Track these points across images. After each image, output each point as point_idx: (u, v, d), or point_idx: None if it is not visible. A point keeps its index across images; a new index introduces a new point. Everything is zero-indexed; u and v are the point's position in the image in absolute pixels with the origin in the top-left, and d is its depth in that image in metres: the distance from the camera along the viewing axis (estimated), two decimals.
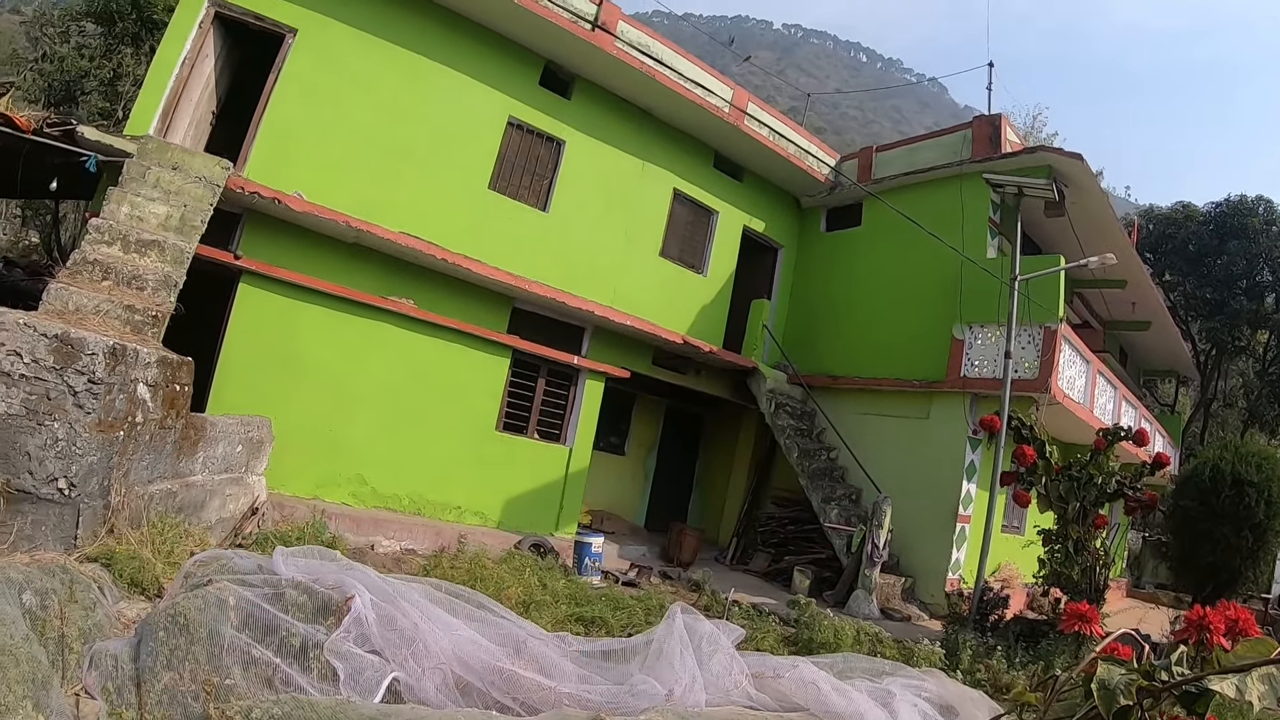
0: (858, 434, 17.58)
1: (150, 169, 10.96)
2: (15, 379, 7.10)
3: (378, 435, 13.78)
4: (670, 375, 18.06)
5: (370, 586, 6.21)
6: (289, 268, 13.09)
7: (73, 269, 9.49)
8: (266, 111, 13.55)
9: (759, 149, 18.69)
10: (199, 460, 9.52)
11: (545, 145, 16.27)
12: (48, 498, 7.06)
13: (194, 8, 13.35)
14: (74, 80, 24.30)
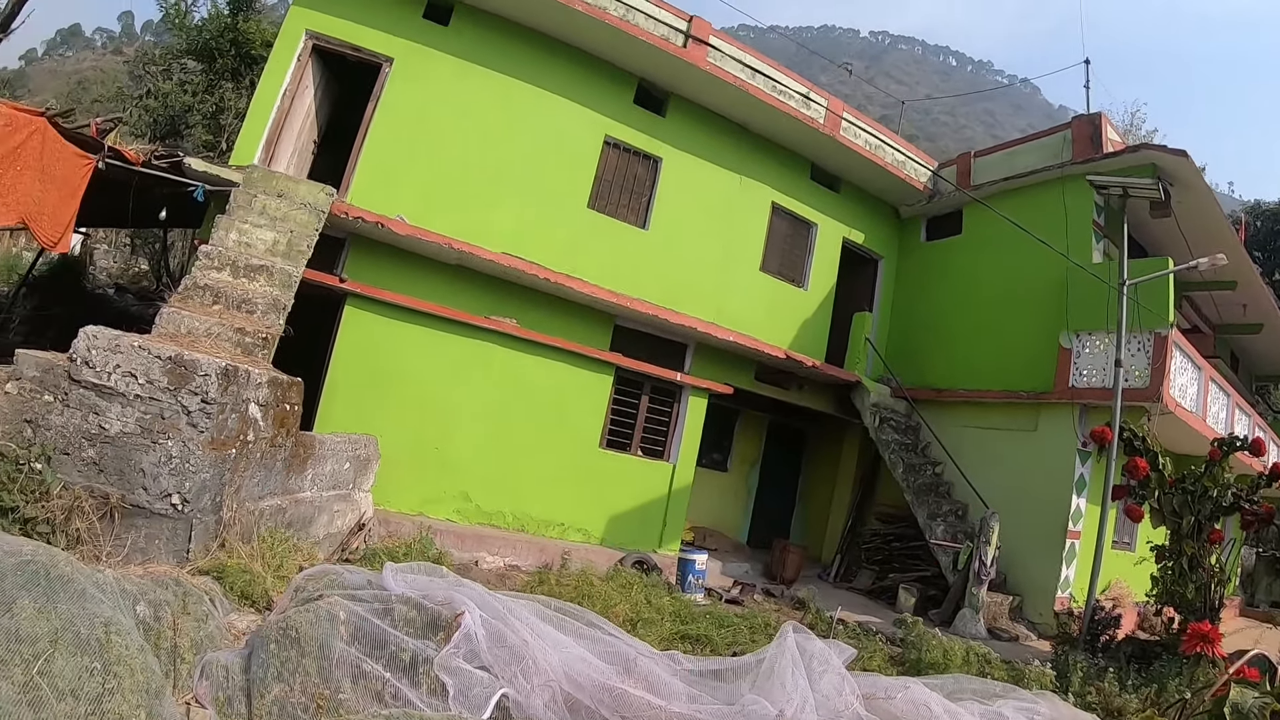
0: (963, 448, 17.12)
1: (257, 197, 11.32)
2: (131, 399, 7.36)
3: (482, 453, 13.92)
4: (773, 390, 17.86)
5: (480, 603, 6.20)
6: (393, 289, 13.37)
7: (184, 294, 9.80)
8: (367, 139, 13.95)
9: (856, 159, 18.42)
10: (308, 477, 9.71)
11: (642, 163, 16.32)
12: (161, 512, 7.27)
13: (293, 42, 13.88)
14: (178, 115, 25.17)
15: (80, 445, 7.35)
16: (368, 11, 14.30)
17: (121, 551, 7.09)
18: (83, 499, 7.09)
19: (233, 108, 23.96)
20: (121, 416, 7.36)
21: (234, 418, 7.84)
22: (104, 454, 7.31)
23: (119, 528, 7.16)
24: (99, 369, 7.46)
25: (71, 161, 10.10)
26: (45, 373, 7.58)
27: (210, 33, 24.49)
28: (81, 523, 7.02)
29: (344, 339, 13.13)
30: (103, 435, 7.34)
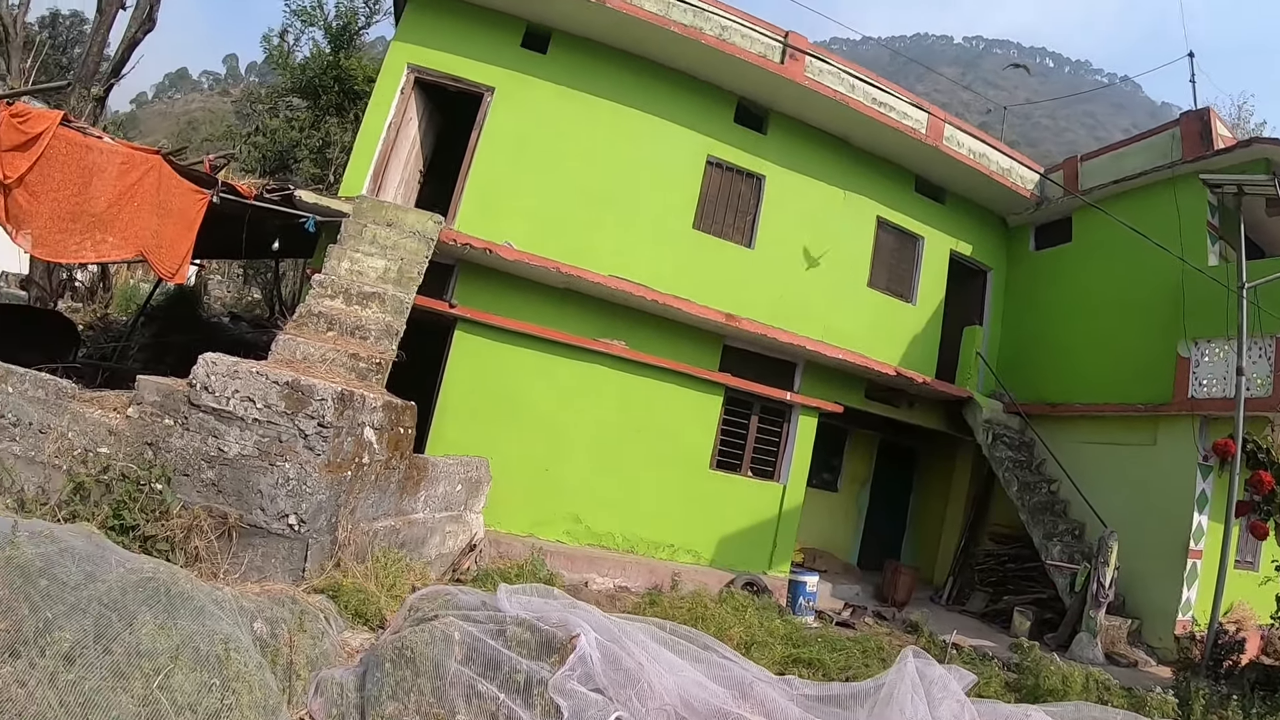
0: (1079, 464, 16.42)
1: (367, 226, 11.62)
2: (249, 423, 7.57)
3: (592, 474, 13.97)
4: (883, 408, 17.50)
5: (595, 625, 6.18)
6: (501, 314, 13.59)
7: (299, 321, 10.04)
8: (472, 166, 14.22)
9: (961, 169, 17.97)
10: (421, 498, 9.85)
11: (745, 181, 16.19)
12: (278, 532, 7.47)
13: (395, 76, 14.30)
14: (286, 150, 26.08)
15: (199, 467, 7.59)
16: (467, 44, 14.61)
17: (239, 569, 7.31)
18: (201, 518, 7.33)
19: (338, 141, 24.76)
20: (240, 439, 7.57)
21: (350, 441, 7.99)
22: (222, 475, 7.54)
23: (236, 546, 7.39)
24: (218, 394, 7.69)
25: (187, 197, 10.48)
26: (166, 398, 7.84)
27: (313, 71, 25.36)
28: (200, 541, 7.27)
29: (454, 363, 13.38)
30: (221, 457, 7.57)
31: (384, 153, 14.11)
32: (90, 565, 5.18)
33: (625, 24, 14.73)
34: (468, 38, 14.64)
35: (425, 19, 14.64)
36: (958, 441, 19.15)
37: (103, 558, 5.32)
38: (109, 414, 8.06)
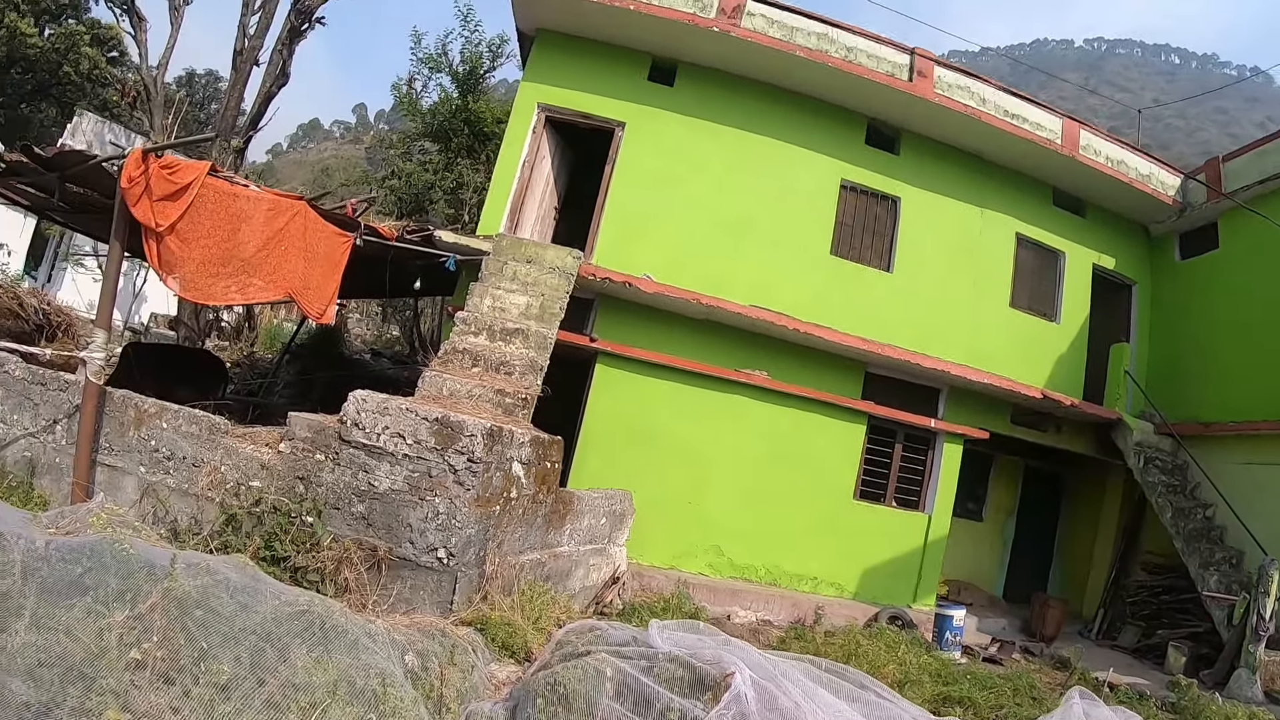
0: (1236, 487, 15.32)
1: (507, 263, 11.88)
2: (399, 458, 7.74)
3: (734, 506, 13.88)
4: (1029, 433, 16.81)
5: (749, 662, 6.05)
6: (642, 346, 13.69)
7: (444, 358, 10.33)
8: (607, 201, 14.37)
9: (1099, 178, 17.14)
10: (566, 532, 9.94)
11: (881, 204, 15.84)
12: (427, 565, 7.64)
13: (526, 116, 14.60)
14: (421, 192, 26.82)
15: (350, 501, 7.81)
16: (595, 81, 14.80)
17: (387, 601, 7.49)
18: (351, 551, 7.55)
19: (471, 182, 25.38)
20: (390, 474, 7.76)
21: (498, 476, 8.11)
22: (372, 509, 7.75)
23: (385, 578, 7.60)
24: (368, 430, 7.88)
25: (332, 240, 10.78)
26: (317, 434, 8.09)
27: (443, 115, 25.98)
28: (350, 573, 7.48)
29: (596, 396, 13.54)
30: (372, 492, 7.78)
31: (519, 191, 14.41)
32: (245, 597, 5.35)
33: (750, 52, 14.66)
34: (595, 75, 14.83)
35: (552, 59, 14.90)
36: (1107, 466, 18.24)
37: (257, 590, 5.48)
38: (261, 449, 8.34)
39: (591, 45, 14.94)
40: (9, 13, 43.87)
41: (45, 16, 47.57)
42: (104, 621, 4.88)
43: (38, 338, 13.04)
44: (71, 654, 4.70)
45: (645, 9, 14.24)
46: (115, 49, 49.00)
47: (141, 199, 8.60)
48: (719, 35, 14.36)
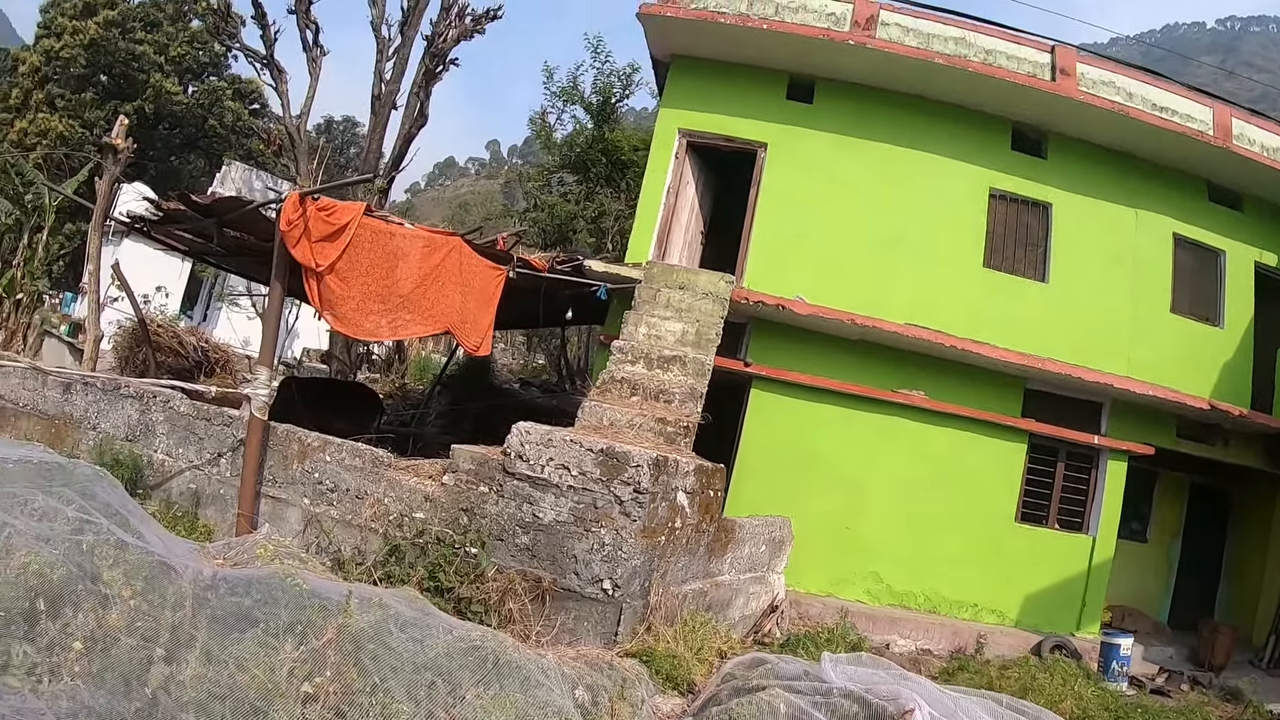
0: None
1: (660, 291, 11.95)
2: (564, 490, 7.76)
3: (892, 530, 13.58)
4: (1195, 447, 15.85)
5: (928, 699, 5.90)
6: (796, 369, 13.51)
7: (602, 387, 10.38)
8: (754, 223, 14.24)
9: (1256, 168, 15.95)
10: (727, 560, 9.86)
11: (1032, 211, 15.23)
12: (591, 597, 7.59)
13: (668, 143, 14.63)
14: (564, 223, 27.22)
15: (514, 532, 7.89)
16: (733, 103, 14.72)
17: (550, 632, 7.47)
18: (516, 582, 7.58)
19: (612, 211, 25.71)
20: (555, 506, 7.80)
21: (664, 506, 8.08)
22: (536, 541, 7.81)
23: (549, 610, 7.59)
24: (532, 462, 7.92)
25: (486, 274, 11.04)
26: (480, 466, 8.19)
27: (580, 146, 26.46)
28: (514, 604, 7.50)
29: (752, 421, 13.43)
30: (536, 523, 7.85)
31: (665, 217, 14.46)
32: (417, 631, 5.42)
33: (888, 64, 14.35)
34: (733, 97, 14.75)
35: (690, 84, 14.91)
36: (1278, 480, 17.16)
37: (427, 624, 5.56)
38: (424, 481, 8.48)
39: (727, 67, 14.87)
40: (154, 73, 46.69)
41: (188, 75, 50.73)
42: (276, 655, 4.97)
43: (197, 373, 13.62)
44: (243, 687, 4.80)
45: (778, 27, 14.11)
46: (256, 101, 51.98)
47: (301, 240, 8.80)
48: (855, 48, 14.12)
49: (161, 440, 10.07)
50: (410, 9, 21.68)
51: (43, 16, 47.41)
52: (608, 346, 11.99)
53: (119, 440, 10.30)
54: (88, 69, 46.16)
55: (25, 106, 45.36)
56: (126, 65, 46.87)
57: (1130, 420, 14.93)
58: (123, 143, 13.08)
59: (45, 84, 45.75)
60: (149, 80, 46.57)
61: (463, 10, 21.51)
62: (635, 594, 7.68)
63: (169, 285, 27.48)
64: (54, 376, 11.42)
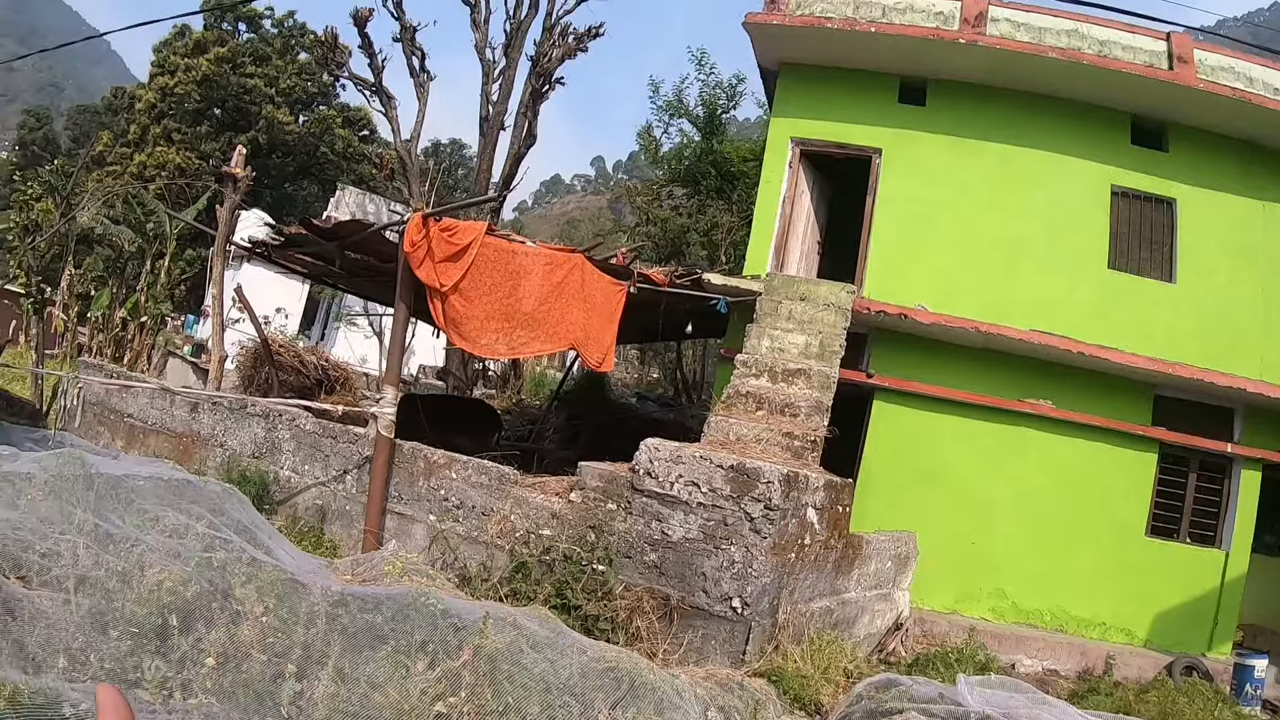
0: None
1: (781, 303, 11.83)
2: (694, 507, 7.68)
3: (1017, 546, 13.13)
4: None
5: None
6: (919, 380, 13.22)
7: (727, 401, 10.30)
8: (872, 231, 13.97)
9: None
10: (854, 577, 9.71)
11: (1156, 208, 14.58)
12: (720, 615, 7.45)
13: (781, 152, 14.44)
14: (676, 236, 27.29)
15: (642, 550, 7.84)
16: (845, 109, 14.49)
17: (677, 651, 7.35)
18: (643, 599, 7.54)
19: (724, 224, 25.56)
20: (684, 523, 7.73)
21: (794, 523, 7.96)
22: (665, 558, 7.75)
23: (676, 628, 7.50)
24: (661, 479, 7.87)
25: (608, 290, 11.07)
26: (608, 483, 8.19)
27: (689, 159, 26.54)
28: (641, 622, 7.44)
29: (875, 434, 13.16)
30: (665, 540, 7.79)
31: (782, 228, 14.32)
32: (551, 652, 5.40)
33: (1000, 61, 13.95)
34: (845, 103, 14.54)
35: (800, 91, 14.73)
36: None
37: (561, 644, 5.54)
38: (551, 498, 8.50)
39: (837, 72, 14.66)
40: (265, 105, 48.63)
41: (299, 105, 52.78)
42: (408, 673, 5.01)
43: (317, 391, 13.93)
44: (376, 706, 4.84)
45: (886, 29, 13.87)
46: (365, 128, 53.66)
47: (425, 261, 8.96)
48: (965, 47, 13.76)
49: (287, 457, 10.34)
50: (513, 31, 21.95)
51: (156, 55, 50.25)
52: (730, 360, 11.92)
53: (246, 457, 10.65)
54: (201, 103, 48.61)
55: (144, 141, 47.94)
56: (239, 98, 49.18)
57: (1264, 426, 14.12)
58: (241, 171, 13.51)
59: (162, 119, 48.27)
60: (261, 112, 48.63)
61: (565, 29, 21.63)
62: (764, 612, 7.56)
63: (288, 306, 28.43)
64: (181, 396, 11.85)
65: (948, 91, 14.59)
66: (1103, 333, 13.38)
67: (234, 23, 52.41)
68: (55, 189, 23.77)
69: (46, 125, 69.24)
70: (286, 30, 52.92)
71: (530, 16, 21.85)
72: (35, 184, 21.82)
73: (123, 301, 20.98)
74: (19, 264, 19.05)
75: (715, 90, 25.97)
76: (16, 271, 19.19)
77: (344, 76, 22.47)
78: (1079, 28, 14.22)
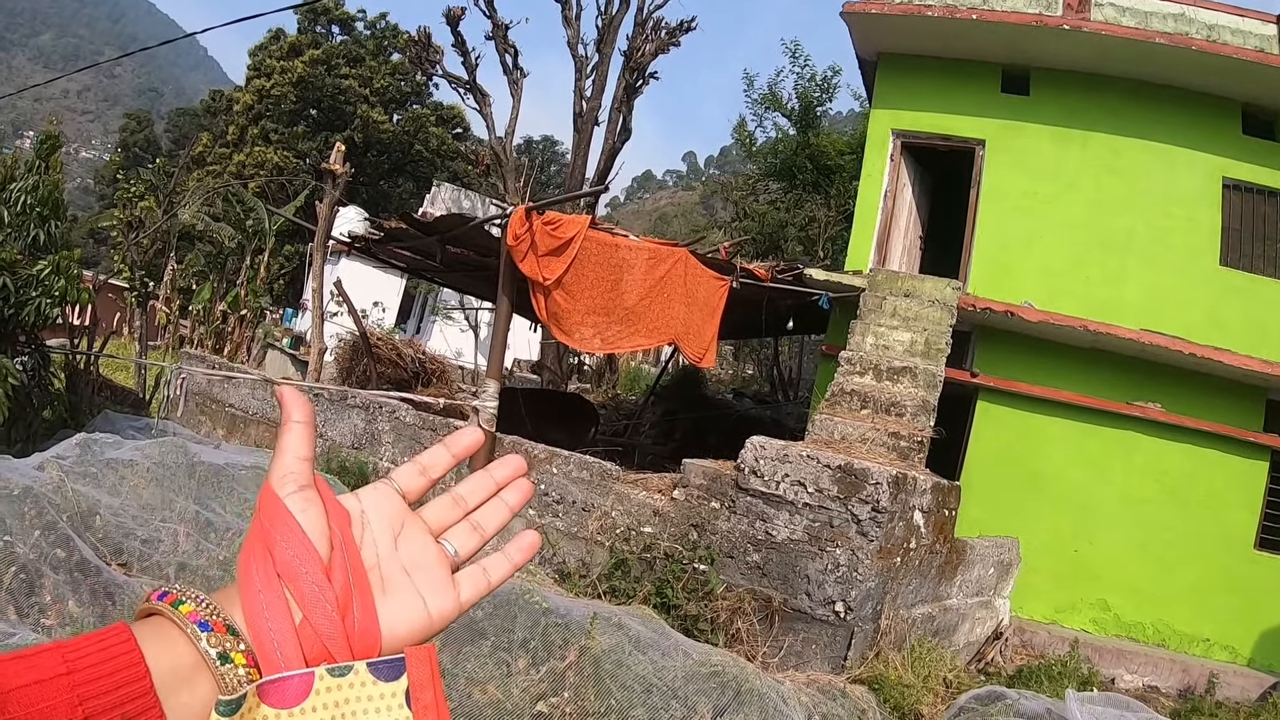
0: None
1: (885, 299, 11.64)
2: (799, 507, 7.59)
3: (1121, 555, 12.65)
4: None
5: None
6: (1023, 380, 12.86)
7: (831, 400, 10.18)
8: (976, 225, 13.66)
9: None
10: (956, 584, 9.51)
11: (1270, 202, 13.83)
12: (822, 619, 7.33)
13: (882, 145, 14.20)
14: (774, 231, 27.14)
15: (745, 550, 7.77)
16: (946, 100, 14.19)
17: (777, 654, 7.29)
18: (745, 601, 7.45)
19: (821, 219, 25.46)
20: (789, 524, 7.64)
21: (900, 526, 7.81)
22: (768, 559, 7.68)
23: (777, 630, 7.39)
24: (767, 478, 7.78)
25: (710, 285, 10.97)
26: (712, 481, 8.13)
27: (784, 154, 26.33)
28: (742, 623, 7.37)
29: (978, 435, 12.84)
30: (769, 541, 7.72)
31: (884, 223, 14.11)
32: (655, 653, 5.41)
33: (1106, 48, 13.42)
34: (946, 93, 14.23)
35: (900, 82, 14.47)
36: None
37: (665, 645, 5.57)
38: (653, 495, 8.48)
39: (938, 62, 14.36)
40: (360, 104, 49.92)
41: (393, 104, 54.14)
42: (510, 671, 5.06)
43: (414, 383, 14.13)
44: (475, 703, 4.89)
45: (987, 16, 13.52)
46: (459, 126, 54.79)
47: (528, 255, 8.98)
48: (1069, 33, 13.29)
49: (387, 448, 10.48)
50: (605, 27, 21.96)
51: (252, 59, 52.07)
52: (832, 358, 11.76)
53: (345, 448, 10.82)
54: (297, 104, 50.27)
55: (242, 141, 49.70)
56: (334, 99, 50.61)
57: None
58: (340, 168, 13.73)
59: (259, 120, 49.97)
60: (356, 111, 49.90)
61: (657, 24, 21.57)
62: (867, 617, 7.41)
63: (385, 300, 29.10)
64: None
65: (1052, 80, 14.15)
66: (1214, 333, 12.84)
67: (327, 25, 53.91)
68: (157, 188, 24.53)
69: (147, 128, 72.13)
70: (379, 31, 54.16)
71: (622, 11, 21.78)
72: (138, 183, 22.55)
73: (223, 295, 21.62)
74: (123, 259, 19.71)
75: (810, 83, 25.64)
76: (120, 266, 19.86)
77: (438, 75, 22.79)
78: (1186, 11, 13.62)
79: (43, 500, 5.08)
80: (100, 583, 4.90)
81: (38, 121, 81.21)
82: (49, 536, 4.89)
